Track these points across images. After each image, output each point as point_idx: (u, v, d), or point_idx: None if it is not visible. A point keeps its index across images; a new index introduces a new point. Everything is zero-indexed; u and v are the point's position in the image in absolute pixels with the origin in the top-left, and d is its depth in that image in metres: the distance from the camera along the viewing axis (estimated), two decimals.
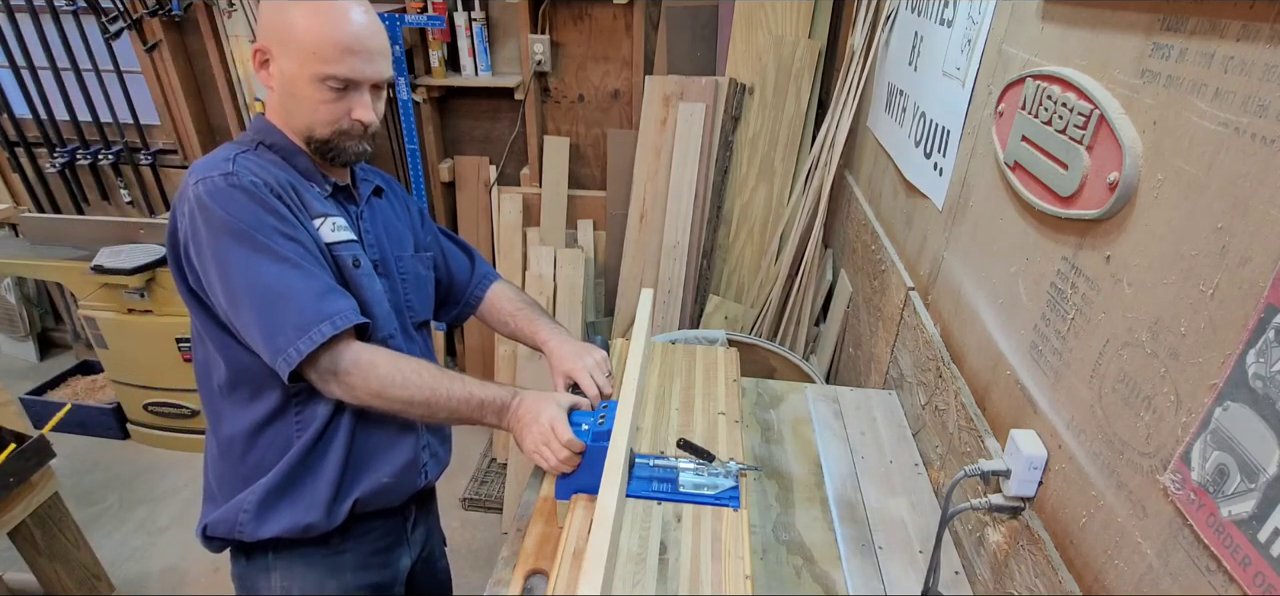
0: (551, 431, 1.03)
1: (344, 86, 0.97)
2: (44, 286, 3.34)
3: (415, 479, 1.17)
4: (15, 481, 1.57)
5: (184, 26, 2.65)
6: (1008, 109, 1.03)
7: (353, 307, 0.97)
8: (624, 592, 0.87)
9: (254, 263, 0.91)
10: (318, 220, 1.01)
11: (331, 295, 0.95)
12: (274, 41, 0.96)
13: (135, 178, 2.93)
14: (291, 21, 0.94)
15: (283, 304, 0.91)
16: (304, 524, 1.04)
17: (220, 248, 0.91)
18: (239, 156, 0.97)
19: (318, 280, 0.95)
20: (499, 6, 2.44)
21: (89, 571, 1.85)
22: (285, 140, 1.02)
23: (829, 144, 2.09)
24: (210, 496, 1.10)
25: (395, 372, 0.99)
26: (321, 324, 0.92)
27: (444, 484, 2.59)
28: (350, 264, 1.03)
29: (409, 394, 1.00)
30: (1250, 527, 0.55)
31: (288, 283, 0.92)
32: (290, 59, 0.95)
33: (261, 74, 0.99)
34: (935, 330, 1.28)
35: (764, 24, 2.26)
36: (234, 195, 0.92)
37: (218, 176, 0.92)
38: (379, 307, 1.06)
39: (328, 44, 0.94)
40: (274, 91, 1.00)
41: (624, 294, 2.60)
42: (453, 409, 1.03)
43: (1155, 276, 0.70)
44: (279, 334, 0.91)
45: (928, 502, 1.17)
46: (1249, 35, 0.59)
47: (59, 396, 2.90)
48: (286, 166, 1.02)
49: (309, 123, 1.00)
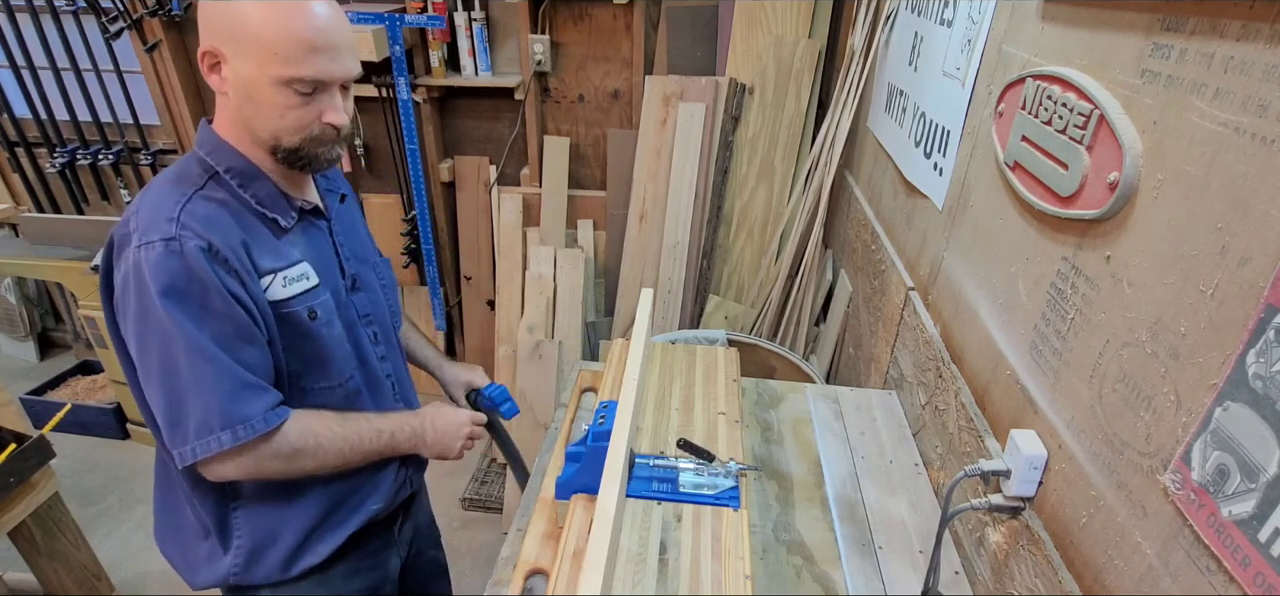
0: (467, 423, 1.14)
1: (312, 89, 0.87)
2: (44, 286, 3.34)
3: (403, 491, 1.19)
4: (15, 481, 1.57)
5: (184, 26, 2.65)
6: (1008, 109, 1.03)
7: (262, 412, 0.89)
8: (624, 592, 0.87)
9: (171, 348, 0.84)
10: (267, 278, 0.91)
11: (245, 394, 0.88)
12: (223, 41, 0.84)
13: (135, 178, 2.93)
14: (243, 17, 0.82)
15: (189, 398, 0.86)
16: (300, 567, 1.05)
17: (143, 324, 0.85)
18: (187, 207, 0.86)
19: (232, 376, 0.87)
20: (499, 6, 2.44)
21: (89, 571, 1.85)
22: (243, 161, 0.92)
23: (829, 144, 2.09)
24: (174, 534, 1.08)
25: (304, 445, 0.95)
26: (222, 431, 0.87)
27: (444, 484, 2.60)
28: (305, 317, 0.95)
29: (320, 461, 0.98)
30: (1250, 527, 0.55)
31: (198, 375, 0.85)
32: (246, 61, 0.84)
33: (212, 79, 0.88)
34: (935, 330, 1.28)
35: (764, 24, 2.26)
36: (169, 267, 0.83)
37: (159, 241, 0.83)
38: (338, 353, 1.01)
39: (290, 42, 0.83)
40: (229, 98, 0.88)
41: (624, 294, 2.60)
42: (366, 452, 1.03)
43: (1155, 276, 0.70)
44: (178, 428, 0.87)
45: (928, 502, 1.17)
46: (1249, 35, 0.59)
47: (59, 396, 2.90)
48: (242, 205, 0.92)
49: (274, 131, 0.89)
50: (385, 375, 1.13)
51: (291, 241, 0.97)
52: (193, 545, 1.05)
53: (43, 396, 2.89)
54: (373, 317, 1.11)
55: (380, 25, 2.33)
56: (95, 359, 3.07)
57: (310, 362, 0.99)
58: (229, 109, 0.91)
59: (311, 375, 1.00)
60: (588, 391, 1.44)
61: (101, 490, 2.59)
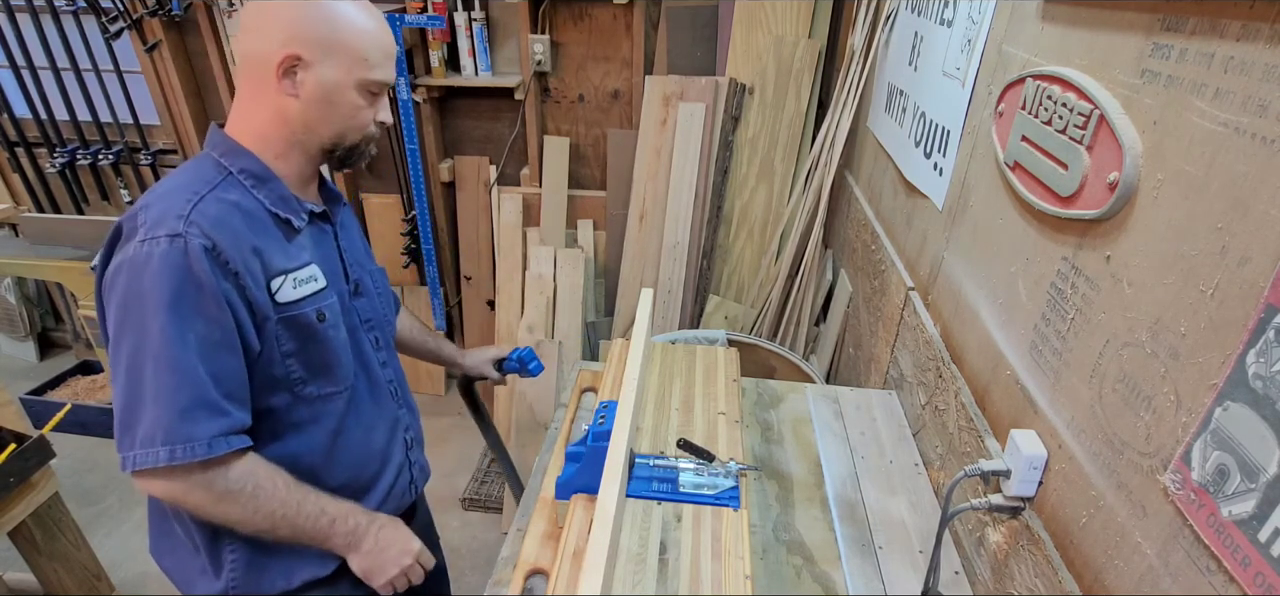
0: (414, 554, 1.06)
1: (380, 92, 0.96)
2: (44, 286, 3.34)
3: (407, 498, 1.19)
4: (15, 481, 1.57)
5: (184, 26, 2.65)
6: (1008, 109, 1.03)
7: (208, 437, 0.86)
8: (624, 592, 0.87)
9: (142, 350, 0.83)
10: (278, 279, 0.91)
11: (197, 413, 0.85)
12: (314, 46, 0.88)
13: (135, 178, 2.93)
14: (337, 25, 0.88)
15: (144, 405, 0.84)
16: (303, 579, 1.03)
17: (123, 316, 0.84)
18: (199, 206, 0.86)
19: (194, 389, 0.84)
20: (499, 6, 2.44)
21: (89, 571, 1.85)
22: (257, 163, 0.93)
23: (829, 144, 2.09)
24: (168, 547, 1.06)
25: (240, 488, 0.90)
26: (161, 447, 0.83)
27: (444, 483, 2.60)
28: (313, 319, 0.95)
29: (248, 513, 0.91)
30: (1250, 527, 0.55)
31: (159, 385, 0.83)
32: (334, 66, 0.90)
33: (283, 82, 0.89)
34: (935, 330, 1.28)
35: (764, 24, 2.26)
36: (170, 263, 0.82)
37: (165, 237, 0.83)
38: (344, 356, 1.01)
39: (376, 49, 0.92)
40: (294, 100, 0.90)
41: (624, 294, 2.60)
42: (297, 527, 0.95)
43: (1155, 276, 0.70)
44: (127, 432, 0.85)
45: (928, 502, 1.17)
46: (1249, 35, 0.59)
47: (59, 396, 2.90)
48: (256, 206, 0.92)
49: (341, 130, 0.94)
50: (386, 380, 1.13)
51: (300, 244, 0.97)
52: (187, 560, 1.03)
53: (43, 396, 2.89)
54: (374, 323, 1.11)
55: None
56: (95, 359, 3.08)
57: (316, 367, 0.98)
58: (273, 107, 0.91)
59: (317, 380, 0.99)
60: (588, 391, 1.44)
61: (101, 490, 2.59)
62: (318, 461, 1.02)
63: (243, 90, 0.94)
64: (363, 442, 1.08)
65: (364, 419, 1.07)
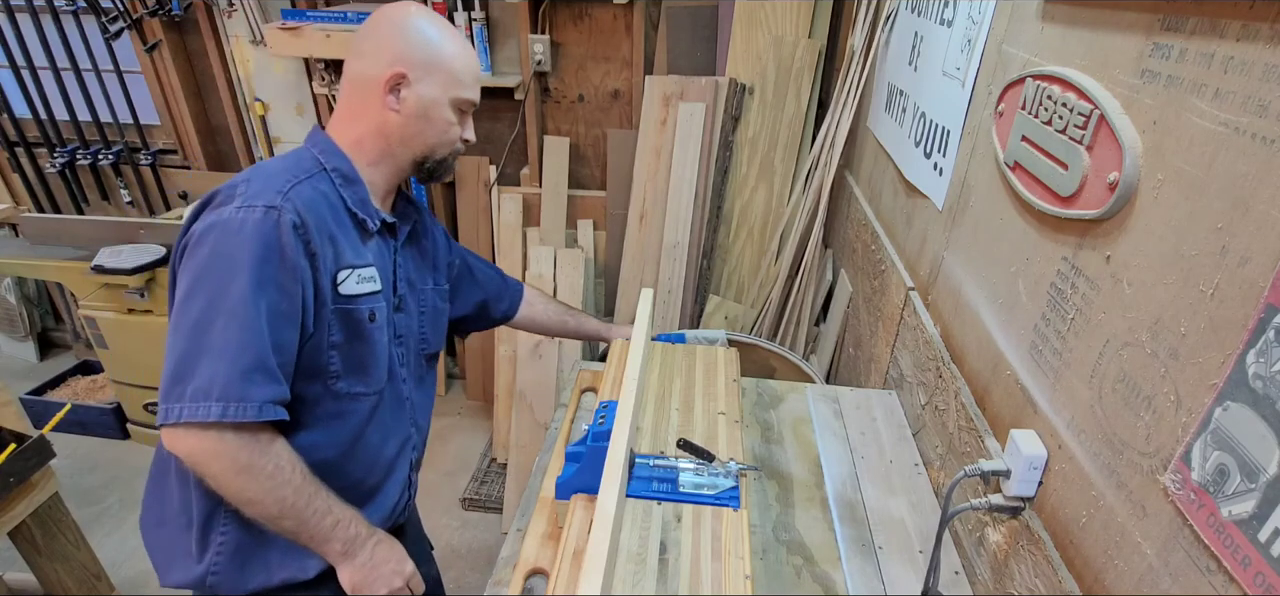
0: (405, 578, 1.06)
1: (469, 110, 1.07)
2: (44, 286, 3.34)
3: (409, 498, 1.19)
4: (15, 481, 1.57)
5: (184, 26, 2.65)
6: (1008, 109, 1.03)
7: (260, 401, 0.88)
8: (624, 592, 0.87)
9: (215, 306, 0.87)
10: (345, 272, 0.98)
11: (256, 376, 0.88)
12: (417, 66, 0.99)
13: (135, 178, 2.93)
14: (439, 48, 1.01)
15: (205, 358, 0.86)
16: (283, 578, 1.02)
17: (204, 272, 0.88)
18: (297, 186, 0.94)
19: (257, 352, 0.88)
20: (499, 6, 2.44)
21: (89, 571, 1.85)
22: (349, 166, 1.02)
23: (829, 144, 2.09)
24: (158, 520, 1.05)
25: (263, 464, 0.91)
26: (216, 402, 0.85)
27: (444, 483, 2.60)
28: (365, 317, 1.01)
29: (263, 490, 0.91)
30: (1250, 527, 0.55)
31: (226, 340, 0.86)
32: (433, 85, 1.01)
33: (388, 97, 0.99)
34: (935, 330, 1.28)
35: (764, 24, 2.26)
36: (262, 231, 0.88)
37: (261, 206, 0.89)
38: (381, 359, 1.05)
39: (469, 71, 1.04)
40: (395, 114, 1.00)
41: (624, 294, 2.60)
42: (303, 519, 0.95)
43: (1155, 276, 0.70)
44: (178, 383, 0.86)
45: (928, 502, 1.17)
46: (1249, 35, 0.59)
47: (59, 396, 2.90)
48: (340, 202, 0.99)
49: (433, 145, 1.04)
50: (404, 396, 1.14)
51: (368, 246, 1.04)
52: (175, 535, 1.02)
53: (43, 396, 2.89)
54: (404, 338, 1.14)
55: None
56: (95, 359, 3.07)
57: (354, 364, 1.01)
58: (374, 121, 1.02)
59: (352, 377, 1.02)
60: (588, 391, 1.44)
61: (101, 490, 2.59)
62: (332, 457, 1.02)
63: (347, 104, 1.04)
64: (377, 450, 1.09)
65: (382, 427, 1.09)
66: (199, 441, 0.88)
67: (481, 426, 2.94)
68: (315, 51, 2.39)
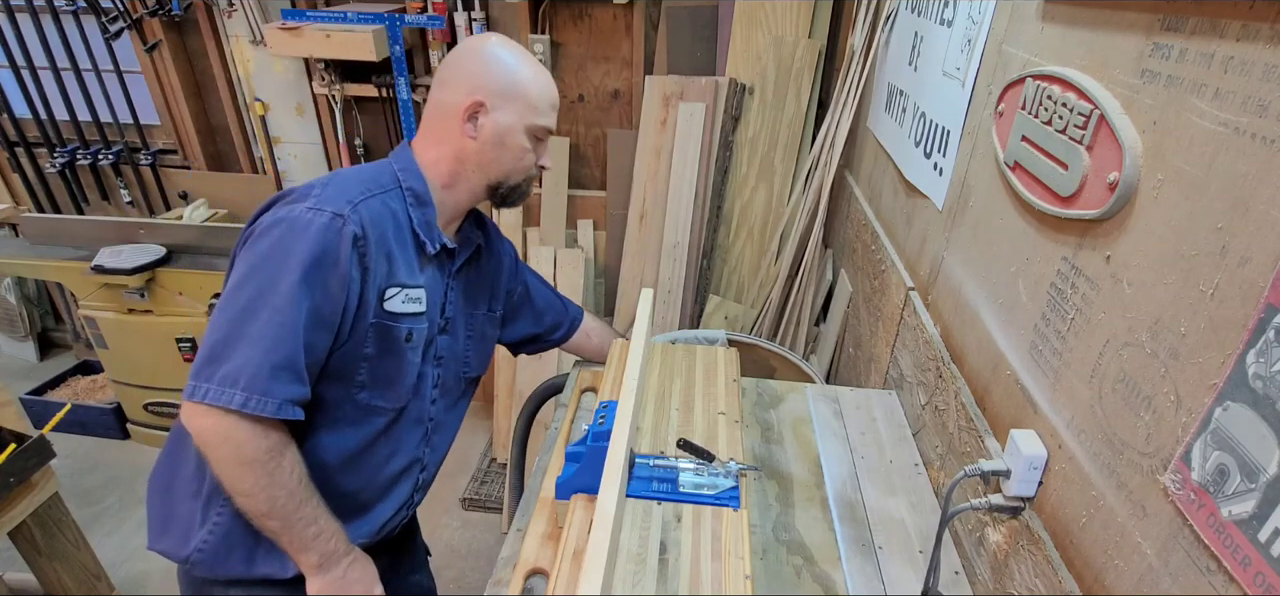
0: None
1: (544, 137, 1.10)
2: (44, 286, 3.34)
3: (406, 517, 1.19)
4: (15, 481, 1.57)
5: (184, 26, 2.66)
6: (1008, 109, 1.03)
7: (281, 400, 0.89)
8: (624, 592, 0.87)
9: (263, 299, 0.89)
10: (393, 290, 1.00)
11: (284, 375, 0.90)
12: (494, 95, 1.02)
13: (135, 178, 2.93)
14: (519, 77, 1.03)
15: (242, 346, 0.88)
16: (262, 573, 1.02)
17: (262, 262, 0.90)
18: (370, 200, 0.97)
19: (289, 351, 0.90)
20: (499, 6, 2.44)
21: (89, 571, 1.85)
22: (423, 187, 1.04)
23: (829, 144, 2.09)
24: (166, 482, 1.06)
25: (267, 461, 0.91)
26: (239, 391, 0.87)
27: (444, 484, 2.60)
28: (402, 336, 1.03)
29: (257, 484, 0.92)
30: (1250, 527, 0.55)
31: (264, 333, 0.88)
32: (510, 112, 1.04)
33: (466, 125, 1.03)
34: (935, 330, 1.28)
35: (764, 24, 2.26)
36: (323, 237, 0.91)
37: (329, 213, 0.92)
38: (409, 378, 1.06)
39: (546, 99, 1.07)
40: (473, 141, 1.04)
41: (624, 294, 2.60)
42: (288, 522, 0.95)
43: (1155, 276, 0.70)
44: (211, 363, 0.88)
45: (928, 502, 1.17)
46: (1249, 35, 0.59)
47: (59, 396, 2.90)
48: (407, 221, 1.02)
49: (508, 171, 1.07)
50: (427, 417, 1.14)
51: (424, 269, 1.06)
52: (179, 499, 1.03)
53: (43, 396, 2.89)
54: (445, 361, 1.15)
55: (380, 25, 2.33)
56: (95, 359, 3.07)
57: (380, 378, 1.03)
58: (452, 147, 1.05)
59: (375, 389, 1.03)
60: (588, 391, 1.44)
61: (101, 490, 2.59)
62: (335, 462, 1.03)
63: (429, 129, 1.07)
64: (380, 467, 1.09)
65: (392, 444, 1.09)
66: (214, 423, 0.89)
67: (481, 426, 2.94)
68: (315, 51, 2.39)
